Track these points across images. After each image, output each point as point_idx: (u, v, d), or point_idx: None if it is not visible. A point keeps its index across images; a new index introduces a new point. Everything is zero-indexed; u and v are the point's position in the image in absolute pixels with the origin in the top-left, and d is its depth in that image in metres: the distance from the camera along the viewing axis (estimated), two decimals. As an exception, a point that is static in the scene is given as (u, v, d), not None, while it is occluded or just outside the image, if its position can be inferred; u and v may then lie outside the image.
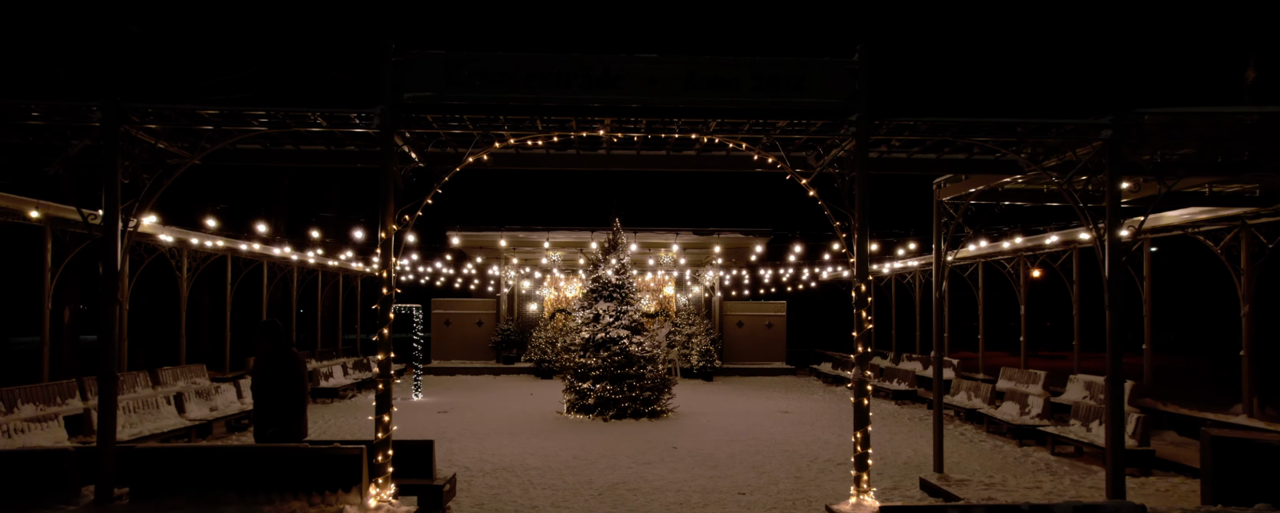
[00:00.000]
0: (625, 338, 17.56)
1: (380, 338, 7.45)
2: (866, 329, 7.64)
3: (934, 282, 11.10)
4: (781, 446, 14.34)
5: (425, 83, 7.48)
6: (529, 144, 7.97)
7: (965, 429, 16.28)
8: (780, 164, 8.11)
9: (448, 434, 15.27)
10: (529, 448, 13.90)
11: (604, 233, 18.74)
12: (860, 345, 7.61)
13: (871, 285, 7.87)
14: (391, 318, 7.47)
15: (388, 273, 7.46)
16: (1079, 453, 13.58)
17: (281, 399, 8.23)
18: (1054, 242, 14.22)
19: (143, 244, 15.95)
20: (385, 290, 7.40)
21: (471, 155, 8.02)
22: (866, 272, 7.64)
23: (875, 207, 7.82)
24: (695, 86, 7.58)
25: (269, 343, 8.29)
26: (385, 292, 7.40)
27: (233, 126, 7.53)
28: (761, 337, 29.41)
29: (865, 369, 7.58)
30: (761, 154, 8.19)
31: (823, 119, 7.80)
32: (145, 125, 7.28)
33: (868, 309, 7.63)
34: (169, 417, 14.10)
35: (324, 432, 15.64)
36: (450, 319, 29.10)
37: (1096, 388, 15.44)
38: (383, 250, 7.40)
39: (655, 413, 17.43)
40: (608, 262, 18.41)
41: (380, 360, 7.49)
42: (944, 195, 11.04)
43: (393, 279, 7.50)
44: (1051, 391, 16.98)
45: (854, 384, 7.68)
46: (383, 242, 7.38)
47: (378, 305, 7.44)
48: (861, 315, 7.61)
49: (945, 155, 9.18)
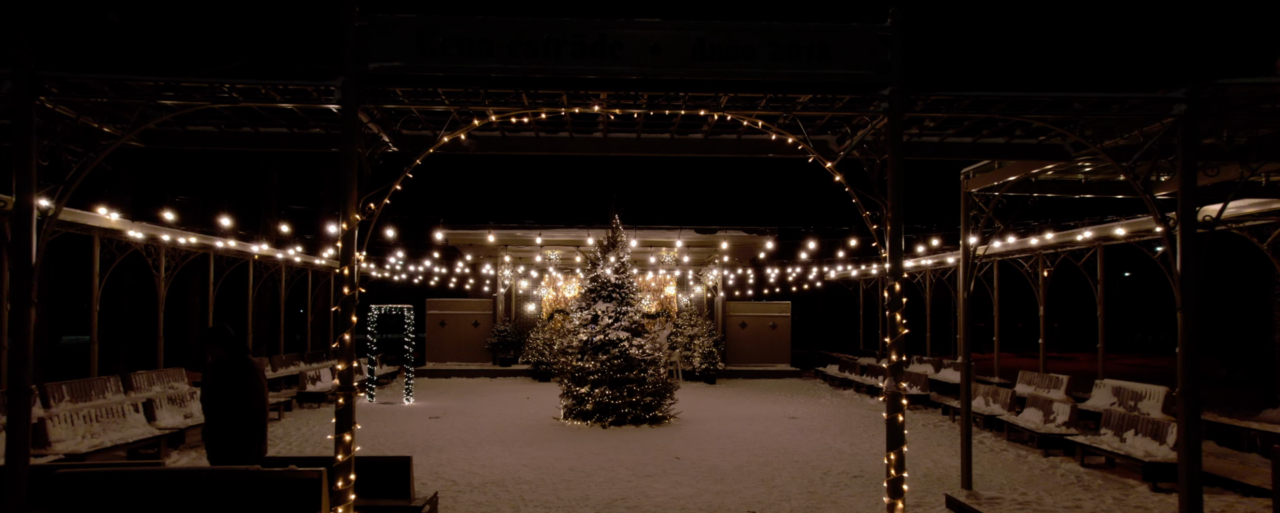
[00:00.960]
0: (625, 340, 16.48)
1: (341, 345, 6.37)
2: (901, 335, 6.55)
3: (961, 281, 10.01)
4: (791, 455, 13.26)
5: (393, 51, 6.41)
6: (514, 121, 6.89)
7: (984, 437, 15.20)
8: (802, 146, 7.01)
9: (437, 443, 14.21)
10: (522, 458, 12.83)
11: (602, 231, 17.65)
12: (894, 353, 6.52)
13: (905, 284, 6.76)
14: (354, 321, 6.38)
15: (350, 270, 6.38)
16: (1111, 465, 12.50)
17: (237, 414, 7.16)
18: (1087, 237, 13.14)
19: (114, 241, 14.86)
20: (346, 290, 6.32)
21: (448, 135, 6.92)
22: (901, 268, 6.55)
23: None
24: (703, 56, 6.49)
25: (221, 350, 7.22)
26: (346, 291, 6.32)
27: (172, 101, 6.45)
28: (765, 338, 28.30)
29: (900, 380, 6.50)
30: (780, 134, 7.07)
31: (850, 94, 6.72)
32: (66, 98, 6.20)
33: (902, 311, 6.53)
34: (137, 425, 13.01)
35: (307, 439, 14.56)
36: (445, 320, 28.00)
37: (1126, 394, 14.34)
38: (344, 244, 6.32)
39: (656, 419, 16.34)
40: (606, 260, 17.32)
41: (341, 371, 6.40)
42: (972, 186, 9.96)
43: (356, 277, 6.42)
44: (1075, 396, 15.89)
45: (887, 397, 6.59)
46: (344, 234, 6.30)
47: (338, 307, 6.36)
48: (896, 319, 6.52)
49: (983, 139, 8.07)
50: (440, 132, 6.89)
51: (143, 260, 16.60)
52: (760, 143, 8.19)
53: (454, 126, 7.05)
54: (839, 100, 6.85)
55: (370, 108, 6.76)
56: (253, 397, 7.13)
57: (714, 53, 6.47)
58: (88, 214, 13.37)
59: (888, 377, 6.54)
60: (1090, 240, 13.31)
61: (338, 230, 6.35)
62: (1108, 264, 15.37)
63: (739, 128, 7.70)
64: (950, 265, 22.52)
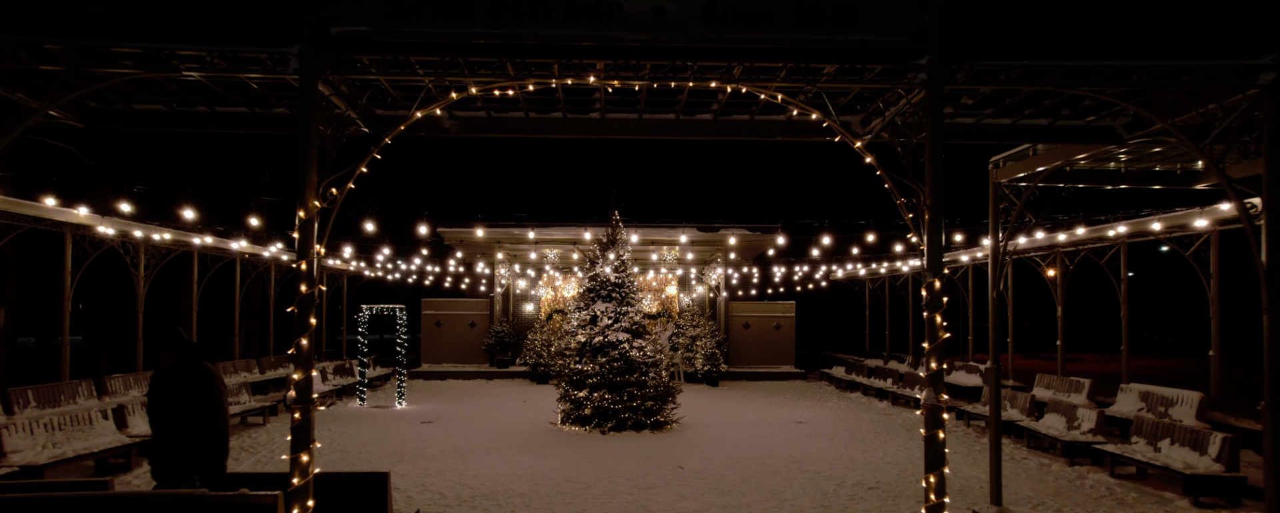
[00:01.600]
0: (625, 342, 15.56)
1: (298, 351, 5.45)
2: (941, 340, 5.63)
3: (991, 278, 9.10)
4: (801, 464, 12.35)
5: (359, 13, 5.49)
6: (497, 94, 5.97)
7: (1003, 444, 14.25)
8: (826, 123, 6.08)
9: (427, 451, 13.30)
10: (516, 468, 11.92)
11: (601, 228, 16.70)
12: (934, 360, 5.61)
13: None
14: (313, 324, 5.46)
15: (308, 265, 5.47)
16: (1143, 476, 11.58)
17: (191, 429, 6.21)
18: (1120, 233, 12.18)
19: (87, 238, 13.96)
20: (304, 287, 5.40)
21: (422, 111, 5.98)
22: (940, 262, 5.64)
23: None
24: (715, 19, 5.58)
25: (171, 357, 6.28)
26: (304, 289, 5.40)
27: (99, 68, 5.54)
28: (769, 339, 27.37)
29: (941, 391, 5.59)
30: (801, 109, 6.15)
31: (882, 64, 5.81)
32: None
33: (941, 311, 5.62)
34: (105, 433, 12.08)
35: (288, 448, 13.64)
36: (441, 320, 27.07)
37: (1155, 399, 13.41)
38: (301, 235, 5.41)
39: (658, 424, 15.43)
40: (606, 258, 16.40)
41: (298, 381, 5.48)
42: (1003, 176, 9.05)
43: (316, 273, 5.51)
44: (1097, 401, 14.97)
45: (925, 410, 5.69)
46: (301, 224, 5.38)
47: (294, 308, 5.44)
48: (935, 321, 5.60)
49: (1024, 120, 7.16)
50: (414, 107, 5.95)
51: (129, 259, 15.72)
52: (774, 125, 7.27)
53: (429, 101, 6.12)
54: (869, 71, 5.93)
55: (333, 80, 5.84)
56: (210, 409, 6.15)
57: (727, 15, 5.56)
58: (56, 209, 12.47)
59: (928, 387, 5.63)
60: (1123, 236, 12.35)
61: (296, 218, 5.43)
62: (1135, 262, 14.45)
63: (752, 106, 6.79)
64: (963, 263, 21.58)
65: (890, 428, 16.13)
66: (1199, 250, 12.58)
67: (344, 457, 12.81)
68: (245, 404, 16.10)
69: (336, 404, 19.37)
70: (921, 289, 5.70)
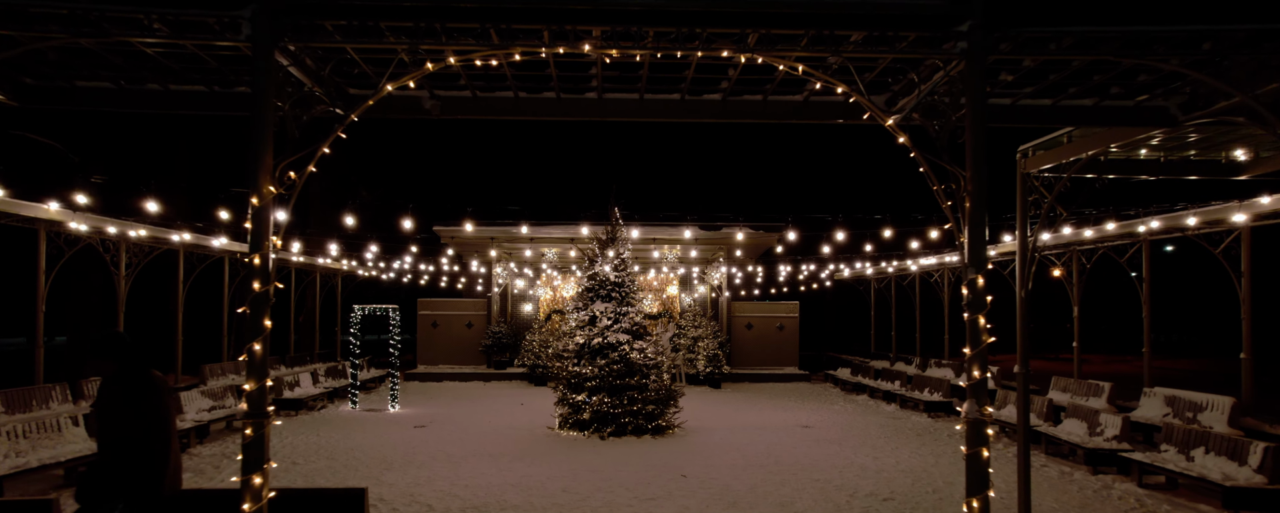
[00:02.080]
0: (625, 343, 14.81)
1: (250, 358, 4.70)
2: (984, 343, 4.88)
3: (1019, 277, 8.34)
4: (810, 473, 11.60)
5: (321, -29, 4.78)
6: (479, 63, 5.21)
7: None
8: (853, 98, 5.32)
9: (418, 457, 12.56)
10: (510, 476, 11.18)
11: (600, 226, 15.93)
12: (976, 368, 4.85)
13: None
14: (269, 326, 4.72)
15: (261, 260, 4.72)
16: (1173, 486, 10.83)
17: (127, 445, 5.42)
18: (1153, 228, 11.37)
19: (61, 235, 13.21)
20: (257, 285, 4.66)
21: (393, 83, 5.22)
22: (984, 256, 4.89)
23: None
24: (728, -22, 4.86)
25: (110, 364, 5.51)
26: (257, 287, 4.66)
27: (21, 31, 4.79)
28: (772, 340, 26.60)
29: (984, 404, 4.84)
30: (825, 83, 5.39)
31: (916, 31, 5.06)
32: None
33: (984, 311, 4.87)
34: (75, 440, 11.35)
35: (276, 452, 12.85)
36: (438, 321, 26.30)
37: (1183, 405, 12.65)
38: (254, 224, 4.66)
39: (659, 429, 14.68)
40: (605, 256, 15.65)
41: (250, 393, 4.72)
42: (1032, 166, 8.29)
43: (271, 267, 4.76)
44: (1118, 405, 14.22)
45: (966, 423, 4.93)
46: (254, 211, 4.64)
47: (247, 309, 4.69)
48: (978, 324, 4.85)
49: (1065, 100, 6.39)
50: (384, 79, 5.19)
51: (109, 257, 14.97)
52: (789, 106, 6.50)
53: (402, 71, 5.36)
54: (901, 39, 5.18)
55: (293, 49, 5.09)
56: (149, 424, 5.35)
57: (741, -26, 4.83)
58: (27, 204, 11.74)
59: (969, 398, 4.88)
60: (1156, 231, 11.54)
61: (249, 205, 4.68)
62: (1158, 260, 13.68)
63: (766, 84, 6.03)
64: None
65: (900, 432, 15.39)
66: (1229, 247, 11.82)
67: (330, 464, 12.06)
68: (231, 408, 15.36)
69: (328, 407, 18.62)
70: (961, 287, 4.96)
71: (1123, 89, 6.24)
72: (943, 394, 18.05)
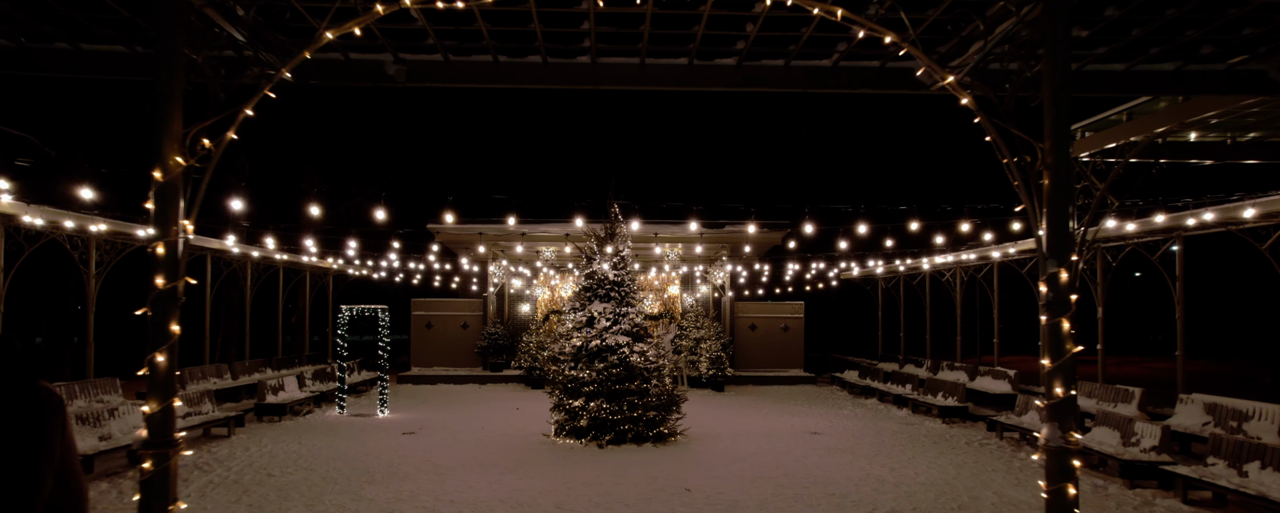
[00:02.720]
0: (625, 346, 13.83)
1: (152, 373, 3.71)
2: (1069, 354, 3.89)
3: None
4: (824, 486, 10.61)
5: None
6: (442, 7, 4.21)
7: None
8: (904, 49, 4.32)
9: (402, 468, 11.58)
10: (500, 490, 10.20)
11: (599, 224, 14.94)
12: (1058, 383, 3.87)
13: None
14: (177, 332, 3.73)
15: (167, 248, 3.74)
16: (1222, 502, 9.83)
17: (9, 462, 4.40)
18: (1206, 221, 10.26)
19: (23, 231, 12.23)
20: (160, 280, 3.67)
21: (334, 29, 4.22)
22: (1068, 244, 3.91)
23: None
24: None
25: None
26: (161, 282, 3.67)
27: None
28: (777, 341, 25.60)
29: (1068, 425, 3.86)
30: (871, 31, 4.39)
31: (979, -31, 4.11)
32: None
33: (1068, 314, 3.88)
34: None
35: (247, 465, 11.88)
36: (432, 321, 25.30)
37: (1225, 413, 11.66)
38: (157, 203, 3.70)
39: (661, 437, 13.69)
40: (604, 253, 14.67)
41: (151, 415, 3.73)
42: (1080, 150, 7.30)
43: (182, 256, 3.78)
44: (1148, 412, 13.23)
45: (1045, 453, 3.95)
46: (158, 188, 3.68)
47: (148, 310, 3.70)
48: (1061, 328, 3.86)
49: (1140, 65, 5.38)
50: (324, 24, 4.20)
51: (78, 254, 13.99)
52: (818, 73, 5.49)
53: (345, 17, 4.36)
54: (960, -20, 4.22)
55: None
56: (27, 445, 4.33)
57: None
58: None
59: (1049, 421, 3.89)
60: (1215, 222, 10.43)
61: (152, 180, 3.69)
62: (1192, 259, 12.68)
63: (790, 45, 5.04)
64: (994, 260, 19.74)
65: (915, 440, 14.41)
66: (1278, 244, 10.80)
67: (308, 476, 11.08)
68: (207, 415, 14.39)
69: (314, 412, 17.64)
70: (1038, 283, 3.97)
71: (1215, 49, 5.23)
72: (957, 399, 17.06)
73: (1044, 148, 3.95)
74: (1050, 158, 3.91)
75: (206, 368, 17.66)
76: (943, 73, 4.23)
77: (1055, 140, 3.90)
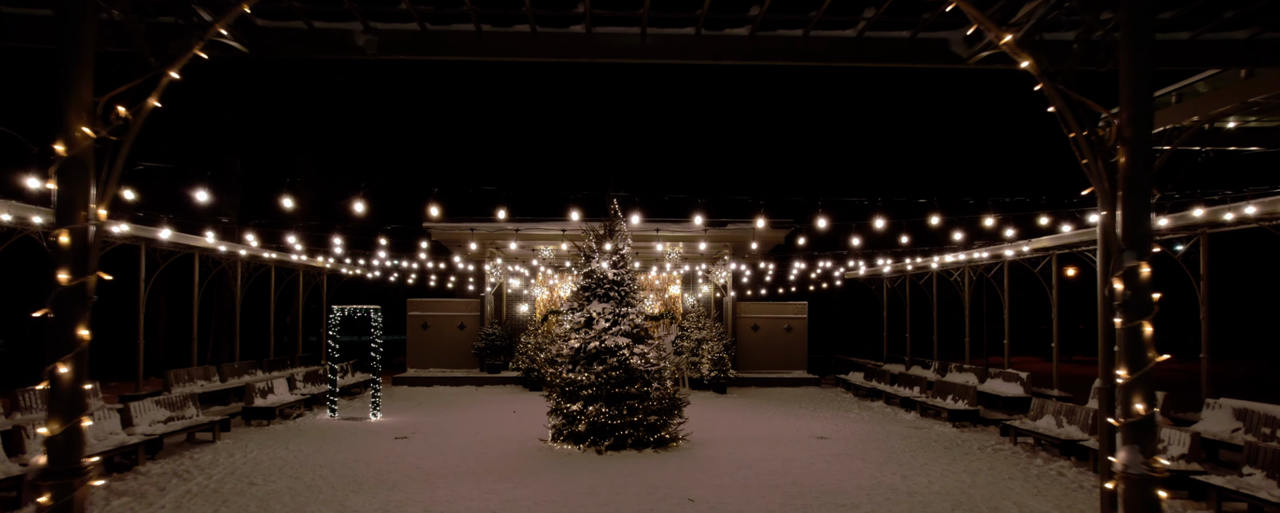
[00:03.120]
0: (625, 348, 13.20)
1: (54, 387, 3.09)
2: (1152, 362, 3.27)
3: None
4: (834, 496, 9.98)
5: None
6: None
7: (1061, 467, 11.89)
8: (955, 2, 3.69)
9: (391, 476, 10.96)
10: (493, 501, 9.58)
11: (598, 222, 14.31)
12: (1137, 398, 3.23)
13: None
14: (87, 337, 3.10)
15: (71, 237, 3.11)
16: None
17: None
18: (1249, 214, 9.57)
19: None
20: (64, 275, 3.04)
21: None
22: (1148, 233, 3.30)
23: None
24: None
25: None
26: (64, 278, 3.05)
27: None
28: (780, 342, 24.95)
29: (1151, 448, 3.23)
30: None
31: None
32: None
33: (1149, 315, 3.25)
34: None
35: (228, 473, 11.24)
36: (428, 322, 24.66)
37: (1257, 419, 11.02)
38: (61, 183, 3.08)
39: (662, 442, 13.06)
40: (603, 252, 14.04)
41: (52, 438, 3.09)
42: (1119, 136, 6.64)
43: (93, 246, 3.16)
44: (1172, 417, 12.59)
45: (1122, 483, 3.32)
46: (61, 164, 3.08)
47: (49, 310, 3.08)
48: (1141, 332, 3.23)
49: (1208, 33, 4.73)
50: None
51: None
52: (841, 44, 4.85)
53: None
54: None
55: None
56: None
57: None
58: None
59: (1125, 445, 3.26)
60: (1250, 218, 9.78)
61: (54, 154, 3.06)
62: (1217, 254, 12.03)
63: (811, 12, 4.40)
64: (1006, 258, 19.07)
65: (925, 445, 13.78)
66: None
67: (292, 485, 10.45)
68: (191, 419, 13.76)
69: (305, 416, 17.00)
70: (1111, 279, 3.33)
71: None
72: (968, 402, 16.42)
73: (1120, 118, 3.33)
74: (1128, 131, 3.28)
75: (193, 370, 17.03)
76: (999, 31, 3.59)
77: (1135, 109, 3.28)
